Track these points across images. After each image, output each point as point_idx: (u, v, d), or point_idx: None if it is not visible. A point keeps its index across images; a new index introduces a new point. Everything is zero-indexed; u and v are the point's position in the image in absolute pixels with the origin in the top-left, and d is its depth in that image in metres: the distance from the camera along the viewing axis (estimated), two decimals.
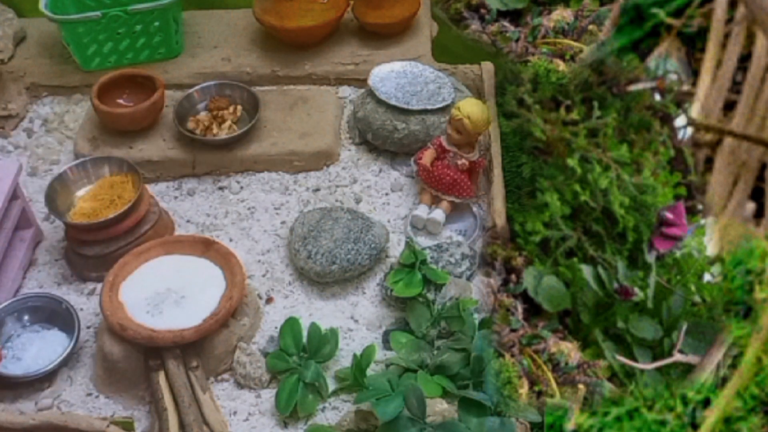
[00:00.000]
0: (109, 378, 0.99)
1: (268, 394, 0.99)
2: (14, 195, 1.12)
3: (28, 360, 1.00)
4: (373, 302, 1.09)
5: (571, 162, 1.03)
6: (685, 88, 1.08)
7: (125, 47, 1.40)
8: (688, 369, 0.92)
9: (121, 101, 1.32)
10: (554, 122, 1.07)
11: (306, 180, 1.26)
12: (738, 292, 0.97)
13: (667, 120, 1.10)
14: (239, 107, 1.30)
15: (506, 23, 1.39)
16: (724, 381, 0.88)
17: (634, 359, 0.95)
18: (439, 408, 0.90)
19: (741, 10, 1.05)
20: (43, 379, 1.00)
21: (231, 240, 1.17)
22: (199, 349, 0.98)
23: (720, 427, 0.84)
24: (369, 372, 0.97)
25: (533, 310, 1.01)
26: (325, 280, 1.09)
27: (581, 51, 1.25)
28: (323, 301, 1.09)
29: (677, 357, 0.92)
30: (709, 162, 1.06)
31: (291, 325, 1.02)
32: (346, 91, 1.40)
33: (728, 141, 1.05)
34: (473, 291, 1.06)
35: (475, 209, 1.19)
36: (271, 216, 1.21)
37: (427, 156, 1.18)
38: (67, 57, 1.42)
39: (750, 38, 1.06)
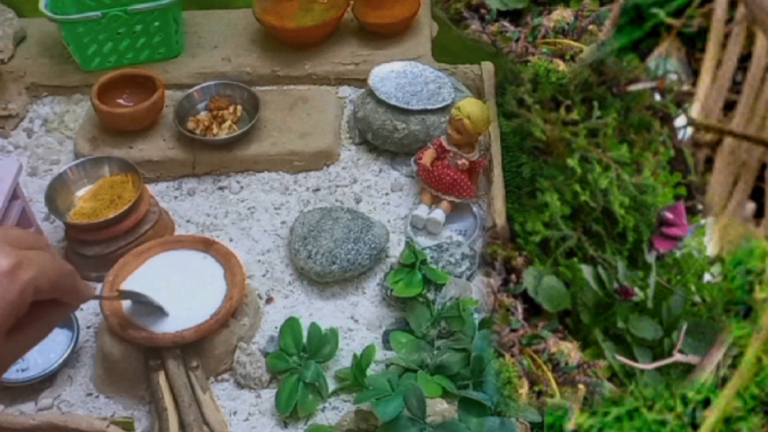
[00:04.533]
0: (109, 378, 0.99)
1: (268, 394, 0.99)
2: (14, 195, 1.12)
3: (28, 360, 1.00)
4: (373, 302, 1.09)
5: (571, 162, 1.03)
6: (685, 88, 1.08)
7: (125, 47, 1.40)
8: (688, 369, 0.92)
9: (121, 101, 1.32)
10: (554, 122, 1.07)
11: (306, 180, 1.26)
12: (738, 292, 0.97)
13: (667, 120, 1.10)
14: (239, 107, 1.30)
15: (506, 23, 1.39)
16: (724, 381, 0.88)
17: (634, 359, 0.95)
18: (439, 408, 0.90)
19: (741, 10, 1.05)
20: (44, 380, 1.00)
21: (231, 240, 1.17)
22: (199, 349, 0.98)
23: (720, 427, 0.84)
24: (369, 372, 0.97)
25: (533, 310, 1.01)
26: (325, 280, 1.09)
27: (581, 51, 1.25)
28: (323, 301, 1.09)
29: (677, 357, 0.92)
30: (709, 162, 1.06)
31: (291, 325, 1.02)
32: (346, 91, 1.40)
33: (728, 141, 1.05)
34: (473, 291, 1.06)
35: (475, 209, 1.19)
36: (271, 216, 1.21)
37: (427, 156, 1.18)
38: (67, 57, 1.42)
39: (750, 38, 1.06)
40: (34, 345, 0.57)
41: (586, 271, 0.99)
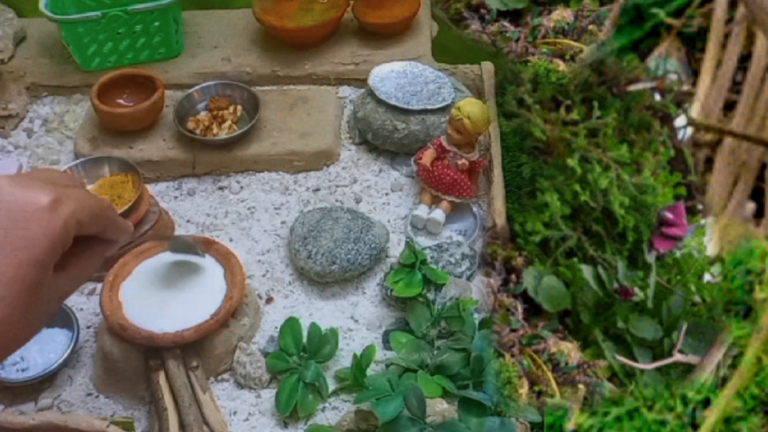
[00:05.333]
0: (109, 378, 0.99)
1: (268, 394, 0.99)
2: None
3: (28, 360, 1.00)
4: (373, 302, 1.09)
5: (571, 162, 1.03)
6: (685, 88, 1.08)
7: (125, 47, 1.40)
8: (688, 369, 0.92)
9: (121, 101, 1.32)
10: (554, 122, 1.07)
11: (306, 180, 1.26)
12: (738, 292, 0.97)
13: (667, 120, 1.10)
14: (239, 107, 1.30)
15: (506, 23, 1.39)
16: (724, 381, 0.88)
17: (634, 359, 0.95)
18: (439, 408, 0.90)
19: (741, 10, 1.05)
20: (43, 380, 1.00)
21: (231, 240, 1.17)
22: (199, 349, 0.98)
23: (720, 427, 0.84)
24: (369, 372, 0.97)
25: (533, 310, 1.01)
26: (325, 280, 1.09)
27: (581, 51, 1.25)
28: (323, 301, 1.09)
29: (677, 357, 0.92)
30: (709, 162, 1.06)
31: (291, 325, 1.02)
32: (346, 91, 1.40)
33: (728, 141, 1.05)
34: (473, 291, 1.06)
35: (475, 209, 1.19)
36: (271, 216, 1.21)
37: (427, 156, 1.18)
38: (67, 57, 1.42)
39: (750, 38, 1.06)
40: (81, 283, 0.57)
41: (586, 271, 0.99)
